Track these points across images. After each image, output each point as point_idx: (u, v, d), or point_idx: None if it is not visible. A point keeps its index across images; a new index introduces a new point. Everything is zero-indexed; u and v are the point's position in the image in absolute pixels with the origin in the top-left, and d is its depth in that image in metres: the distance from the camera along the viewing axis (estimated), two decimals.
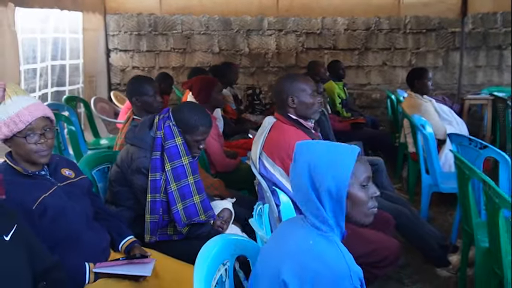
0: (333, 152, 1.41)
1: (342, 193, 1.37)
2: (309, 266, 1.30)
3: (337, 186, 1.36)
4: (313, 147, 1.44)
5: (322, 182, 1.36)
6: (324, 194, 1.36)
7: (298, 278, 1.29)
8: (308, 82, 2.52)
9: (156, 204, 2.23)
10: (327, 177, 1.36)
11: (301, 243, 1.37)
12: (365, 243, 2.44)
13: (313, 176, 1.38)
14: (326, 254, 1.33)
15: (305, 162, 1.40)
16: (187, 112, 2.35)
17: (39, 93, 5.08)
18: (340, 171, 1.37)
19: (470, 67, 6.77)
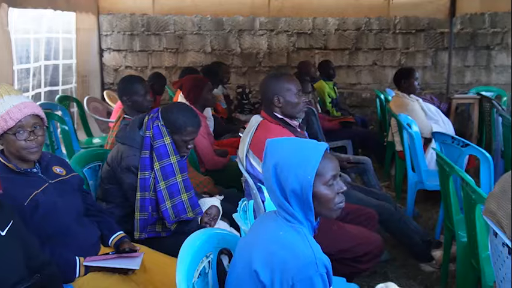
0: (299, 152, 1.45)
1: (307, 193, 1.42)
2: (277, 255, 1.37)
3: (301, 187, 1.41)
4: (280, 146, 1.48)
5: (287, 183, 1.42)
6: (290, 193, 1.42)
7: (268, 267, 1.36)
8: (293, 82, 2.59)
9: (146, 202, 2.30)
10: (292, 178, 1.41)
11: (272, 234, 1.44)
12: (348, 239, 2.52)
13: (279, 176, 1.43)
14: (294, 243, 1.40)
15: (272, 162, 1.45)
16: (175, 112, 2.42)
17: (32, 92, 5.13)
18: (304, 173, 1.41)
19: (459, 67, 6.88)
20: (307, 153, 1.45)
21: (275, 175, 1.44)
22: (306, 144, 1.52)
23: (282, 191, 1.44)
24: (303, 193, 1.42)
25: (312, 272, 1.33)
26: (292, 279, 1.32)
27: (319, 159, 1.44)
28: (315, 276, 1.33)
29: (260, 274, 1.35)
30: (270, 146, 1.50)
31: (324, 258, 1.38)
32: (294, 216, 1.44)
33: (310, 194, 1.43)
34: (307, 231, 1.45)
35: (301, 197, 1.43)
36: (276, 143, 1.51)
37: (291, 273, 1.33)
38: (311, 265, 1.34)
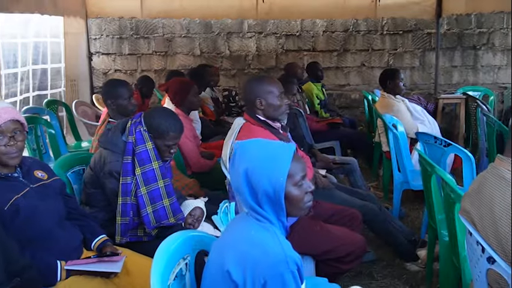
0: (269, 155, 1.47)
1: (279, 195, 1.44)
2: (249, 254, 1.40)
3: (274, 189, 1.44)
4: (250, 150, 1.50)
5: (260, 186, 1.44)
6: (262, 196, 1.44)
7: (240, 267, 1.38)
8: (275, 84, 2.62)
9: (127, 206, 2.31)
10: (264, 181, 1.43)
11: (243, 234, 1.47)
12: (331, 239, 2.54)
13: (250, 179, 1.44)
14: (264, 242, 1.42)
15: (242, 166, 1.47)
16: (157, 118, 2.43)
17: (20, 97, 5.12)
18: (276, 175, 1.44)
19: (446, 67, 6.94)
20: (278, 156, 1.48)
21: (246, 178, 1.46)
22: (276, 146, 1.54)
23: (253, 194, 1.46)
24: (276, 195, 1.45)
25: (282, 269, 1.35)
26: (264, 277, 1.35)
27: (290, 161, 1.47)
28: (286, 274, 1.35)
29: (232, 274, 1.37)
30: (239, 149, 1.51)
31: (294, 256, 1.40)
32: (264, 216, 1.46)
33: (282, 195, 1.45)
34: (277, 230, 1.47)
35: (274, 198, 1.45)
36: (245, 146, 1.52)
37: (263, 272, 1.35)
38: (282, 263, 1.36)
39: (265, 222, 1.46)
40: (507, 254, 1.50)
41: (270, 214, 1.47)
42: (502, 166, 1.61)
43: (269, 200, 1.46)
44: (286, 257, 1.37)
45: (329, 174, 3.75)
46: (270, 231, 1.45)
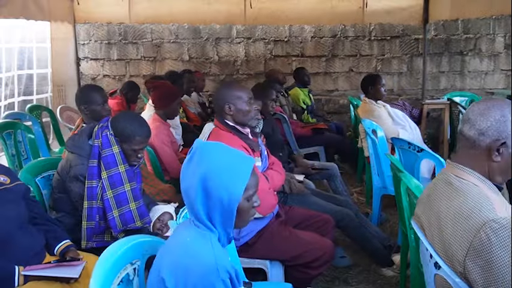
0: (230, 164, 1.47)
1: (233, 206, 1.44)
2: (181, 261, 1.39)
3: (229, 199, 1.43)
4: (211, 153, 1.49)
5: (216, 193, 1.43)
6: (216, 203, 1.44)
7: (173, 274, 1.37)
8: (244, 90, 2.62)
9: (93, 210, 2.31)
10: (221, 189, 1.43)
11: (180, 241, 1.46)
12: (299, 245, 2.54)
13: (207, 184, 1.43)
14: (198, 250, 1.41)
15: (201, 168, 1.45)
16: (123, 122, 2.43)
17: (5, 102, 5.13)
18: (235, 186, 1.44)
19: (434, 72, 6.95)
20: (239, 167, 1.48)
21: (202, 182, 1.44)
22: (237, 156, 1.52)
23: (206, 198, 1.45)
24: (230, 205, 1.44)
25: (213, 279, 1.34)
26: (195, 286, 1.34)
27: (250, 175, 1.48)
28: (216, 283, 1.34)
29: (166, 281, 1.36)
30: (199, 150, 1.49)
31: (226, 264, 1.39)
32: (204, 224, 1.46)
33: (236, 206, 1.45)
34: (215, 238, 1.46)
35: (227, 208, 1.45)
36: (207, 148, 1.50)
37: (194, 281, 1.34)
38: (212, 271, 1.35)
39: (204, 230, 1.46)
40: (451, 260, 1.50)
41: (216, 222, 1.46)
42: (450, 171, 1.61)
43: (221, 208, 1.45)
44: (217, 265, 1.36)
45: (308, 179, 3.76)
46: (206, 239, 1.44)
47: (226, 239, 1.50)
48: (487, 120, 1.52)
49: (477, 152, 1.55)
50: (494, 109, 1.53)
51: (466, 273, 1.45)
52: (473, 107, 1.58)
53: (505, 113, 1.52)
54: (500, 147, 1.52)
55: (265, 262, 2.57)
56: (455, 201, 1.53)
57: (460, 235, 1.47)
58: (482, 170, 1.56)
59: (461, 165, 1.58)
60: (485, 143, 1.53)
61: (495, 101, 1.58)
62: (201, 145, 1.52)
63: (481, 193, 1.50)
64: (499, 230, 1.39)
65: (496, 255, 1.38)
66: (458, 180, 1.56)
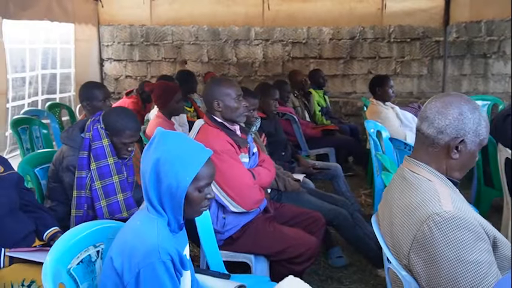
0: (184, 153, 1.53)
1: (181, 192, 1.50)
2: (128, 242, 1.47)
3: (178, 186, 1.49)
4: (168, 140, 1.55)
5: (166, 179, 1.49)
6: (166, 189, 1.50)
7: (120, 254, 1.45)
8: (233, 87, 2.68)
9: (82, 199, 2.42)
10: (171, 175, 1.49)
11: (131, 224, 1.55)
12: (283, 240, 2.58)
13: (159, 169, 1.50)
14: (143, 232, 1.48)
15: (156, 154, 1.52)
16: (114, 116, 2.54)
17: (28, 100, 5.37)
18: (184, 174, 1.50)
19: (455, 75, 6.81)
20: (192, 156, 1.53)
21: (155, 167, 1.50)
22: (193, 146, 1.59)
23: (158, 183, 1.51)
24: (178, 191, 1.50)
25: (154, 259, 1.40)
26: (138, 266, 1.40)
27: (201, 165, 1.53)
28: (157, 263, 1.40)
29: (114, 261, 1.44)
30: (158, 136, 1.55)
31: (169, 247, 1.45)
32: (155, 208, 1.52)
33: (184, 194, 1.51)
34: (163, 222, 1.52)
35: (175, 194, 1.51)
36: (164, 136, 1.56)
37: (137, 261, 1.41)
38: (154, 252, 1.41)
39: (153, 214, 1.53)
40: (398, 253, 1.51)
41: (167, 208, 1.53)
42: (406, 166, 1.62)
43: (170, 195, 1.51)
44: (159, 247, 1.42)
45: (309, 179, 3.78)
46: (153, 222, 1.51)
47: (176, 225, 1.56)
48: (446, 118, 1.52)
49: (436, 149, 1.55)
50: (453, 107, 1.53)
51: (410, 266, 1.46)
52: (431, 105, 1.58)
53: (463, 111, 1.52)
54: (459, 145, 1.52)
55: (250, 256, 2.62)
56: (406, 195, 1.54)
57: (406, 228, 1.48)
58: (440, 167, 1.56)
59: (417, 160, 1.59)
60: (444, 141, 1.53)
61: (453, 97, 1.58)
62: (161, 133, 1.58)
63: (431, 188, 1.50)
64: (441, 223, 1.39)
65: (438, 249, 1.38)
66: (412, 175, 1.57)
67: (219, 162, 2.53)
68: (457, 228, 1.38)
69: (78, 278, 1.53)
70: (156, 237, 1.45)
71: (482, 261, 1.36)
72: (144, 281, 1.39)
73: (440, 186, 1.51)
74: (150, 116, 4.23)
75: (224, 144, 2.55)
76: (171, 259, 1.42)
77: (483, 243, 1.39)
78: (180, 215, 1.54)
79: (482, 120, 1.53)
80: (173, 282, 1.43)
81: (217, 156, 2.53)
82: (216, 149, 2.52)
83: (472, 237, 1.37)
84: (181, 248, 1.53)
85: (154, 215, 1.52)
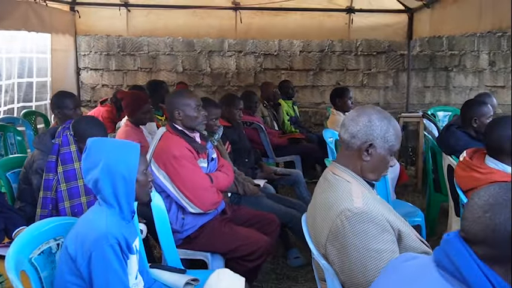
0: (123, 146, 1.84)
1: (133, 176, 1.78)
2: (80, 231, 1.71)
3: (129, 171, 1.77)
4: (106, 144, 1.84)
5: (117, 169, 1.75)
6: (118, 178, 1.75)
7: (73, 241, 1.68)
8: (192, 97, 2.90)
9: (47, 200, 2.61)
10: (120, 164, 1.76)
11: (83, 217, 1.80)
12: (236, 239, 2.79)
13: (109, 164, 1.75)
14: (94, 221, 1.73)
15: (101, 156, 1.77)
16: (83, 124, 2.74)
17: (4, 108, 5.51)
18: (130, 160, 1.80)
19: (419, 87, 7.15)
20: (129, 147, 1.85)
21: (106, 166, 1.76)
22: (126, 142, 1.91)
23: (110, 178, 1.76)
24: (130, 175, 1.78)
25: (103, 243, 1.64)
26: (90, 250, 1.64)
27: (139, 154, 1.84)
28: (106, 247, 1.64)
29: (68, 248, 1.66)
30: (93, 145, 1.82)
31: (116, 233, 1.68)
32: (108, 202, 1.76)
33: (135, 177, 1.79)
34: (112, 212, 1.76)
35: (128, 180, 1.77)
36: (100, 142, 1.85)
37: (89, 246, 1.64)
38: (103, 237, 1.65)
39: (103, 206, 1.77)
40: (318, 244, 1.74)
41: (121, 198, 1.76)
42: (330, 169, 1.86)
43: (124, 182, 1.77)
44: (107, 232, 1.66)
45: (269, 184, 4.01)
46: (102, 212, 1.76)
47: (129, 213, 1.80)
48: (357, 125, 1.77)
49: (351, 152, 1.80)
50: (363, 116, 1.78)
51: (326, 255, 1.69)
52: (348, 114, 1.83)
53: (372, 119, 1.77)
54: (369, 148, 1.76)
55: (206, 254, 2.83)
56: (326, 194, 1.77)
57: (324, 222, 1.71)
58: (356, 168, 1.80)
59: (338, 164, 1.83)
60: (356, 145, 1.78)
61: (366, 108, 1.83)
62: (92, 141, 1.85)
63: (346, 187, 1.74)
64: (351, 217, 1.63)
65: (348, 239, 1.62)
66: (333, 177, 1.81)
67: (179, 166, 2.75)
68: (364, 221, 1.61)
69: (39, 267, 1.73)
70: (104, 225, 1.69)
71: (385, 250, 1.60)
72: (95, 263, 1.63)
73: (356, 186, 1.75)
74: (121, 123, 4.41)
75: (183, 150, 2.77)
76: (118, 243, 1.65)
77: (388, 234, 1.63)
78: (133, 200, 1.80)
79: (391, 129, 1.77)
80: (120, 264, 1.67)
81: (176, 161, 2.75)
82: (176, 155, 2.75)
83: (377, 229, 1.61)
84: (130, 238, 1.76)
85: (104, 207, 1.76)
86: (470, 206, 1.12)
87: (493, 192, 1.09)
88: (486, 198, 1.09)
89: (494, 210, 1.06)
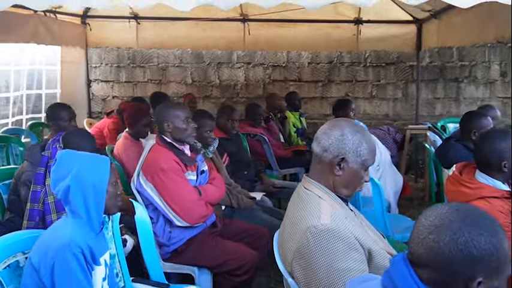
0: (92, 158, 1.85)
1: (103, 187, 1.79)
2: (43, 241, 1.70)
3: (99, 181, 1.78)
4: (75, 156, 1.85)
5: (87, 179, 1.76)
6: (88, 187, 1.76)
7: (37, 252, 1.67)
8: (182, 109, 2.90)
9: (34, 212, 2.62)
10: (91, 174, 1.78)
11: (52, 227, 1.80)
12: (224, 253, 2.76)
13: (79, 174, 1.75)
14: (59, 230, 1.73)
15: (72, 167, 1.77)
16: (73, 137, 2.76)
17: (12, 119, 5.60)
18: (100, 170, 1.81)
19: (429, 99, 7.03)
20: (98, 159, 1.86)
21: (75, 176, 1.76)
22: (96, 155, 1.91)
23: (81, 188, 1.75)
24: (101, 186, 1.78)
25: (67, 252, 1.63)
26: (52, 259, 1.63)
27: (109, 165, 1.85)
28: (69, 256, 1.63)
29: (32, 258, 1.67)
30: (63, 157, 1.83)
31: (80, 242, 1.67)
32: (76, 212, 1.76)
33: (105, 187, 1.80)
34: (78, 222, 1.76)
35: (98, 189, 1.78)
36: (69, 154, 1.86)
37: (52, 255, 1.64)
38: (65, 246, 1.65)
39: (69, 217, 1.77)
40: (285, 261, 1.69)
41: (91, 208, 1.76)
42: (302, 184, 1.81)
43: (94, 191, 1.77)
44: (70, 241, 1.66)
45: (268, 197, 3.96)
46: (66, 222, 1.76)
47: (99, 224, 1.80)
48: (329, 138, 1.73)
49: (323, 166, 1.75)
50: (336, 129, 1.74)
51: (292, 272, 1.64)
52: (322, 127, 1.79)
53: (344, 133, 1.72)
54: (341, 163, 1.72)
55: (194, 268, 2.79)
56: (296, 209, 1.73)
57: (292, 239, 1.67)
58: (328, 183, 1.75)
59: (311, 178, 1.79)
60: (328, 159, 1.73)
61: (339, 121, 1.79)
62: (62, 153, 1.87)
63: (316, 203, 1.69)
64: (317, 234, 1.58)
65: (314, 257, 1.57)
66: (305, 192, 1.76)
67: (166, 179, 2.74)
68: (330, 238, 1.56)
69: (4, 281, 1.72)
70: (68, 234, 1.69)
71: (352, 269, 1.54)
72: (58, 272, 1.62)
73: (327, 202, 1.70)
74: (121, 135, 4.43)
75: (170, 163, 2.76)
76: (81, 252, 1.64)
77: (355, 253, 1.57)
78: (102, 210, 1.80)
79: (364, 143, 1.72)
80: (84, 274, 1.66)
81: (164, 174, 2.74)
82: (163, 167, 2.74)
83: (344, 247, 1.56)
84: (97, 249, 1.74)
85: (70, 217, 1.76)
86: (416, 227, 1.07)
87: (440, 212, 1.04)
88: (432, 219, 1.04)
89: (438, 232, 1.01)
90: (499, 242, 1.00)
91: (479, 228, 0.99)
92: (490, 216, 1.04)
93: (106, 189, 1.80)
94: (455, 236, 0.98)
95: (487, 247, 0.98)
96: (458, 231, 0.98)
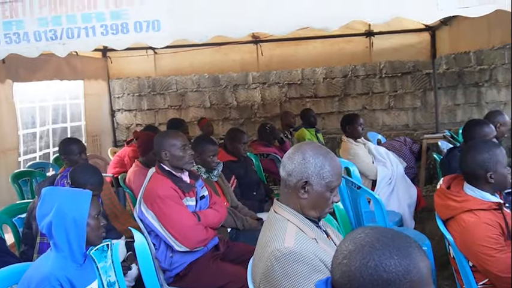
0: (74, 194, 1.98)
1: (83, 221, 1.91)
2: (27, 274, 1.83)
3: (80, 215, 1.90)
4: (57, 192, 1.98)
5: (68, 214, 1.88)
6: (70, 222, 1.87)
7: (21, 285, 1.80)
8: (178, 137, 3.00)
9: (44, 245, 2.77)
10: (73, 210, 1.90)
11: (37, 261, 1.91)
12: (223, 276, 2.82)
13: (61, 209, 1.88)
14: (40, 263, 1.86)
15: (54, 203, 1.90)
16: (79, 173, 2.92)
17: (40, 153, 5.90)
18: (81, 206, 1.93)
19: (449, 106, 6.90)
20: (80, 194, 1.99)
21: (58, 212, 1.89)
22: (78, 190, 2.05)
23: (63, 222, 1.88)
24: (81, 220, 1.91)
25: (45, 285, 1.74)
26: None
27: (90, 199, 1.97)
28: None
29: None
30: (47, 194, 1.96)
31: (59, 275, 1.78)
32: (59, 247, 1.88)
33: (85, 221, 1.92)
34: (60, 256, 1.87)
35: (79, 223, 1.90)
36: (52, 191, 1.99)
37: (33, 287, 1.75)
38: (45, 279, 1.76)
39: (52, 251, 1.89)
40: (255, 285, 1.73)
41: (73, 241, 1.87)
42: (273, 208, 1.86)
43: (75, 226, 1.89)
44: (50, 274, 1.77)
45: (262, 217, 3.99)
46: (49, 256, 1.88)
47: (81, 256, 1.91)
48: (292, 163, 1.78)
49: (289, 190, 1.80)
50: (298, 153, 1.78)
51: None
52: (287, 152, 1.84)
53: (306, 156, 1.76)
54: (305, 186, 1.76)
55: None
56: (265, 233, 1.78)
57: (260, 262, 1.71)
58: (296, 206, 1.79)
59: (281, 202, 1.83)
60: (292, 183, 1.78)
61: (303, 145, 1.83)
62: (46, 191, 1.99)
63: (282, 226, 1.73)
64: (280, 257, 1.62)
65: (277, 280, 1.61)
66: (274, 216, 1.81)
67: (164, 206, 2.84)
68: (292, 262, 1.60)
69: None
70: (49, 267, 1.81)
71: None
72: None
73: (294, 224, 1.74)
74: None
75: (168, 190, 2.86)
76: (60, 285, 1.75)
77: (320, 275, 1.60)
78: (84, 243, 1.91)
79: (327, 165, 1.76)
80: None
81: (161, 201, 2.85)
82: (160, 195, 2.85)
83: (308, 270, 1.59)
84: (78, 280, 1.85)
85: (53, 251, 1.88)
86: (336, 251, 1.10)
87: (356, 236, 1.08)
88: (347, 244, 1.07)
89: (350, 257, 1.04)
90: (412, 264, 1.02)
91: (389, 251, 1.01)
92: (406, 238, 1.06)
93: (87, 223, 1.92)
94: (364, 260, 1.01)
95: (397, 270, 1.00)
96: (368, 255, 1.01)
